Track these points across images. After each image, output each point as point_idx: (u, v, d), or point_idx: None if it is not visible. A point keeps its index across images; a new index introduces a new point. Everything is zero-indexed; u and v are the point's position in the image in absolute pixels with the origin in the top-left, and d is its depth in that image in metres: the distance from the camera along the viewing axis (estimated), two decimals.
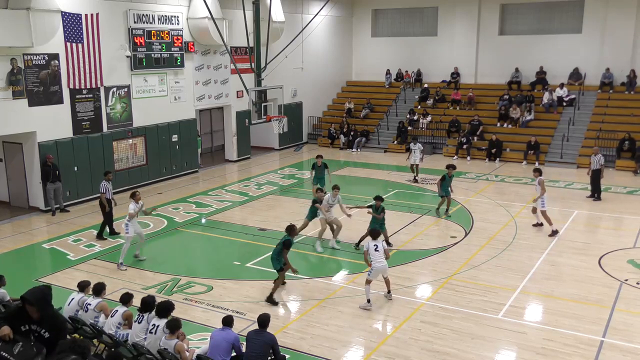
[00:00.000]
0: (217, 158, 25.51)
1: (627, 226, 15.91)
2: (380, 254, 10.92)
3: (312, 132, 29.73)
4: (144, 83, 20.23)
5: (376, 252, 10.92)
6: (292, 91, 27.62)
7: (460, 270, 12.69)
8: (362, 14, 31.80)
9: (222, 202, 18.55)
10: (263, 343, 8.05)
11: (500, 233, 15.19)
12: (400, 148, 26.72)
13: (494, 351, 9.47)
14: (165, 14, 20.59)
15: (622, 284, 11.88)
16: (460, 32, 29.12)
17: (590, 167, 18.55)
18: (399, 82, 30.60)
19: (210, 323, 10.19)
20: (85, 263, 13.45)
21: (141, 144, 20.46)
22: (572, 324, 10.25)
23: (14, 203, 18.19)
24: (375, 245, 10.99)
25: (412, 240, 14.69)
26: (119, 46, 19.09)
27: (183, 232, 15.79)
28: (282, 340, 9.31)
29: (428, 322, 10.37)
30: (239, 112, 24.46)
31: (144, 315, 8.58)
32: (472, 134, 25.67)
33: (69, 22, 17.17)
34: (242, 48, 23.81)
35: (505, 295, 11.44)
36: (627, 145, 22.86)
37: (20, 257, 14.13)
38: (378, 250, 10.94)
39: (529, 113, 26.01)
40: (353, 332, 10.11)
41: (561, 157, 23.76)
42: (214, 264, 13.70)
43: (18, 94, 16.33)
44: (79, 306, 9.30)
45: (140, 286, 11.93)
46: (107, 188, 14.86)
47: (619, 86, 25.93)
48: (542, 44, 27.42)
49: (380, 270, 10.99)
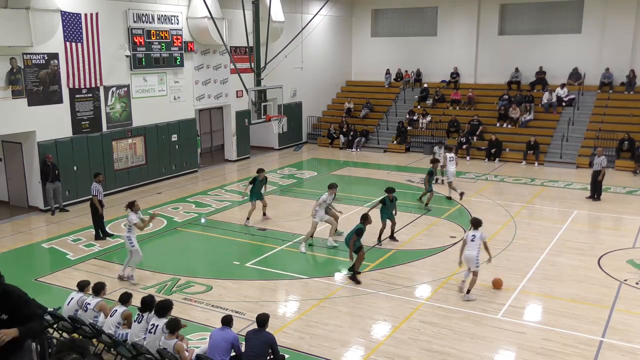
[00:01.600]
0: (217, 158, 25.51)
1: (626, 226, 15.91)
2: (475, 244, 11.20)
3: (312, 132, 29.73)
4: (143, 83, 20.23)
5: (471, 242, 11.25)
6: (291, 91, 27.61)
7: (460, 270, 12.68)
8: (361, 14, 31.79)
9: (222, 202, 18.54)
10: (262, 342, 8.05)
11: (499, 233, 15.19)
12: (399, 148, 26.72)
13: (494, 351, 9.47)
14: (164, 14, 20.58)
15: (621, 284, 11.88)
16: (459, 32, 29.12)
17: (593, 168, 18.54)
18: (399, 82, 30.60)
19: (210, 323, 10.19)
20: (85, 263, 13.44)
21: (141, 144, 20.45)
22: (571, 324, 10.25)
23: (14, 203, 18.19)
24: (473, 235, 11.30)
25: (411, 240, 14.69)
26: (118, 46, 19.08)
27: (182, 232, 15.79)
28: (282, 340, 9.31)
29: (427, 322, 10.37)
30: (238, 112, 24.45)
31: (143, 315, 8.59)
32: (471, 134, 25.67)
33: (69, 22, 17.16)
34: (242, 48, 23.81)
35: (504, 295, 11.44)
36: (626, 145, 22.87)
37: (20, 257, 14.13)
38: (474, 240, 11.25)
39: (528, 113, 26.02)
40: (352, 332, 10.11)
41: (561, 157, 23.77)
42: (213, 263, 13.70)
43: (17, 94, 16.32)
44: (79, 306, 9.31)
45: (139, 286, 11.93)
46: (99, 190, 14.74)
47: (619, 86, 25.93)
48: (541, 44, 27.43)
49: (467, 258, 11.24)
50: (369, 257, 13.55)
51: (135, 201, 12.67)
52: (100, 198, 14.78)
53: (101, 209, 14.83)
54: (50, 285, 12.24)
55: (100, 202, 14.77)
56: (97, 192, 14.68)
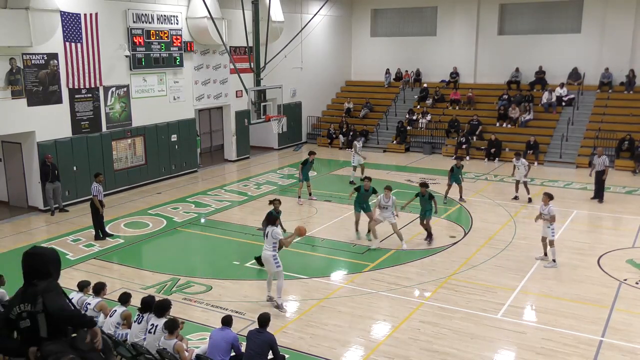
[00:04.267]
0: (217, 158, 25.51)
1: (626, 226, 15.92)
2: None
3: (311, 131, 29.73)
4: (143, 83, 20.22)
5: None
6: (291, 91, 27.61)
7: (460, 270, 12.70)
8: (361, 14, 31.79)
9: (222, 202, 18.54)
10: (262, 342, 8.05)
11: (499, 233, 15.20)
12: (399, 148, 26.71)
13: (493, 351, 9.48)
14: (164, 14, 20.58)
15: (621, 284, 11.89)
16: (459, 31, 29.12)
17: (593, 169, 18.52)
18: (398, 82, 30.59)
19: (210, 323, 10.19)
20: (85, 263, 13.44)
21: (140, 144, 20.45)
22: (571, 323, 10.25)
23: (13, 203, 18.18)
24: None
25: (411, 240, 14.68)
26: (118, 46, 19.08)
27: (182, 232, 15.78)
28: (282, 340, 9.31)
29: (427, 322, 10.38)
30: (238, 112, 24.45)
31: (143, 315, 8.58)
32: (471, 134, 25.68)
33: (68, 22, 17.16)
34: (242, 48, 23.80)
35: (504, 295, 11.44)
36: (626, 145, 22.88)
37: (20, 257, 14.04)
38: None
39: (528, 113, 26.02)
40: (352, 331, 10.11)
41: (560, 157, 23.77)
42: (213, 263, 13.70)
43: (17, 94, 16.32)
44: (79, 306, 9.28)
45: (139, 286, 11.93)
46: (99, 190, 14.78)
47: (618, 86, 25.94)
48: (541, 43, 27.43)
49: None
50: (369, 257, 13.58)
51: (278, 218, 11.99)
52: (100, 198, 14.78)
53: (102, 209, 14.84)
54: None
55: (100, 202, 14.77)
56: (97, 193, 14.70)
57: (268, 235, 10.96)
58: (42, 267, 4.24)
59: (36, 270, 4.22)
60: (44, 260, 4.27)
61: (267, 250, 10.97)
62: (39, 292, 4.16)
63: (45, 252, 4.31)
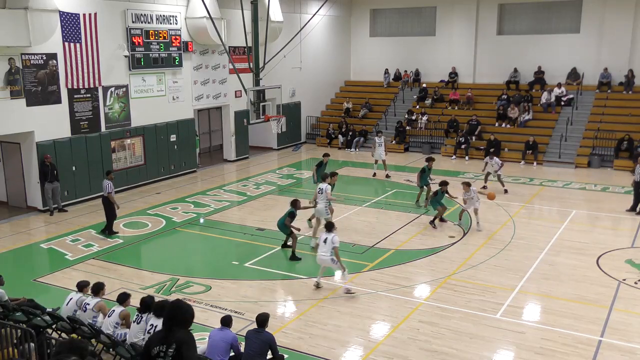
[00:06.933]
0: (216, 158, 25.50)
1: (624, 226, 15.93)
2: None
3: (311, 131, 29.73)
4: (142, 83, 20.21)
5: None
6: (290, 91, 27.61)
7: (459, 270, 12.70)
8: (360, 14, 31.79)
9: (221, 202, 18.54)
10: (261, 342, 8.06)
11: (498, 233, 15.20)
12: (398, 148, 26.72)
13: (493, 351, 9.48)
14: (163, 14, 20.57)
15: (620, 284, 11.90)
16: (458, 31, 29.13)
17: (635, 178, 16.92)
18: (398, 82, 30.60)
19: (209, 323, 10.18)
20: (84, 263, 13.43)
21: (139, 144, 20.44)
22: (570, 323, 10.26)
23: (12, 203, 18.17)
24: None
25: (410, 240, 14.69)
26: (117, 46, 19.07)
27: (181, 232, 15.78)
28: (281, 340, 9.31)
29: (426, 322, 10.38)
30: (237, 112, 24.44)
31: (143, 315, 8.58)
32: (470, 134, 25.68)
33: (67, 22, 17.15)
34: (241, 48, 23.80)
35: (503, 295, 11.45)
36: (625, 145, 22.89)
37: (19, 257, 14.12)
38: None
39: (527, 113, 26.03)
40: (351, 332, 10.11)
41: (559, 157, 23.78)
42: (212, 263, 13.70)
43: (16, 94, 16.30)
44: (78, 306, 9.30)
45: (138, 286, 11.92)
46: (112, 187, 15.12)
47: (617, 86, 25.94)
48: (540, 43, 27.44)
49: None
50: (369, 256, 13.58)
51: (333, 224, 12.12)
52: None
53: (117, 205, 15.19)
54: (49, 285, 12.23)
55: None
56: (111, 190, 15.01)
57: (327, 242, 11.50)
58: (183, 318, 5.25)
59: (178, 320, 5.21)
60: (188, 313, 5.31)
61: (324, 256, 11.53)
62: (176, 340, 5.12)
63: (190, 308, 5.36)
